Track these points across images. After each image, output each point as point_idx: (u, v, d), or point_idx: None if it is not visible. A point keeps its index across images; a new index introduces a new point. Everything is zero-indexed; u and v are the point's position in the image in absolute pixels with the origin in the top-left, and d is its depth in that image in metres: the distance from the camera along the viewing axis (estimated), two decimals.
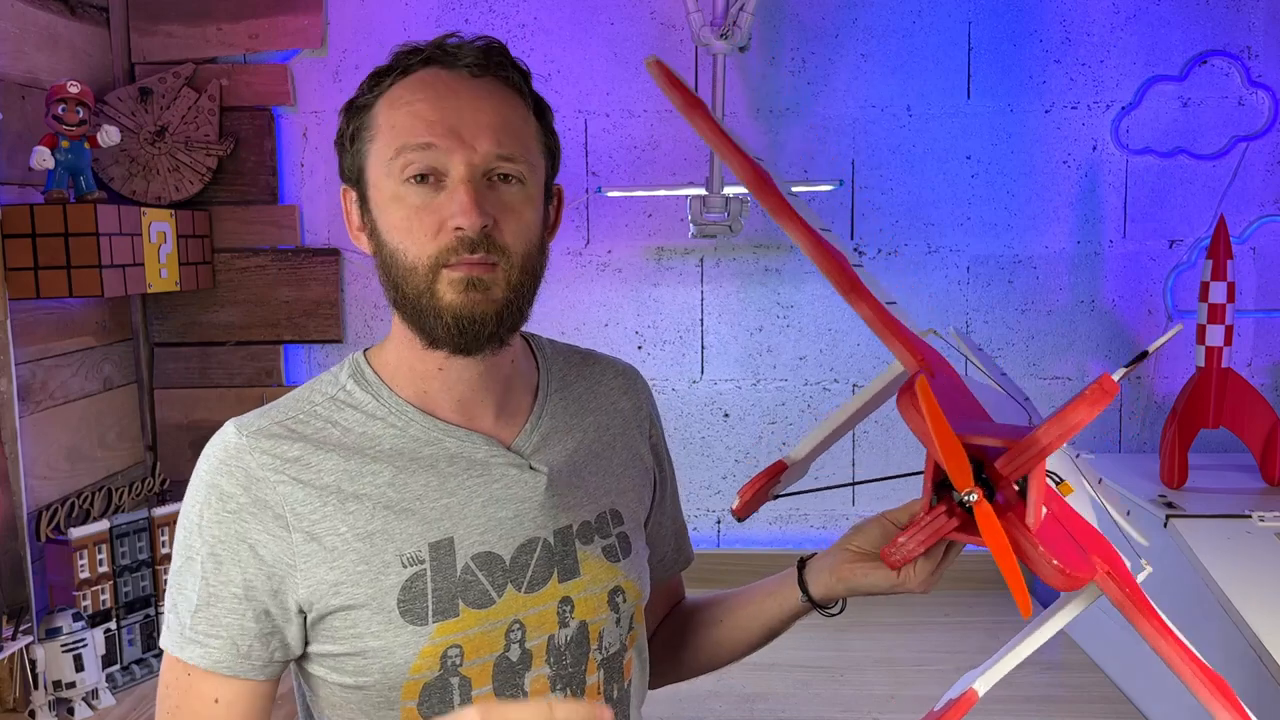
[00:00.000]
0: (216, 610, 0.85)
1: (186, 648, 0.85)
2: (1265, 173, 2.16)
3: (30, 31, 1.86)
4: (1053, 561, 0.71)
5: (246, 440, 0.87)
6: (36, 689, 1.60)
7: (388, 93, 0.89)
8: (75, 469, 1.94)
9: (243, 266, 2.22)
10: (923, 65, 2.18)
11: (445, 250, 0.84)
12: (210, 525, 0.85)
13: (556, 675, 0.91)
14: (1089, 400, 0.68)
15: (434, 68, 0.88)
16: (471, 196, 0.83)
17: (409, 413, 0.90)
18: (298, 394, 0.93)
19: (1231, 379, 1.88)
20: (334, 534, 0.85)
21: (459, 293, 0.84)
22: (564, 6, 2.19)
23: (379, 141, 0.87)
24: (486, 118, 0.86)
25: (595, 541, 0.95)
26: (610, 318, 2.25)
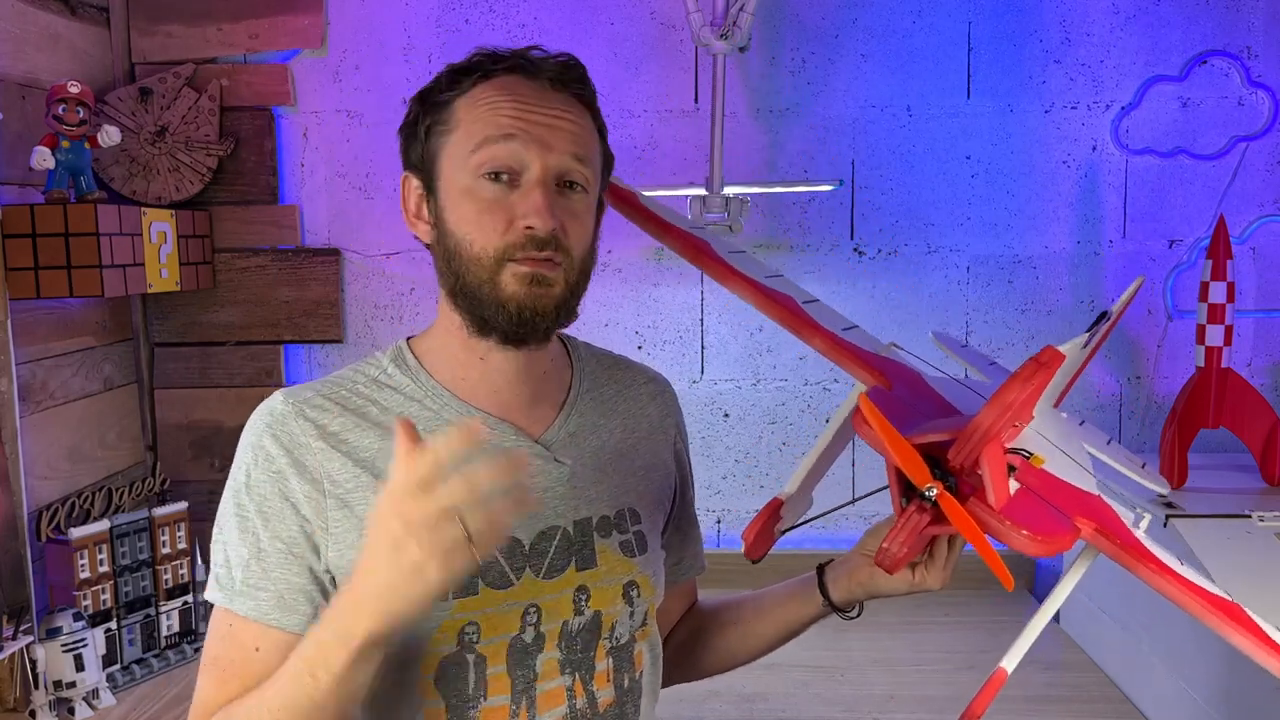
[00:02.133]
0: (266, 564, 0.89)
1: (235, 600, 0.89)
2: (1265, 173, 2.16)
3: (30, 31, 1.86)
4: (1022, 532, 0.75)
5: (292, 407, 0.92)
6: (37, 689, 1.60)
7: (470, 92, 0.91)
8: (75, 469, 1.94)
9: (243, 266, 2.22)
10: (923, 65, 2.18)
11: (513, 245, 0.88)
12: (257, 484, 0.90)
13: (566, 659, 0.94)
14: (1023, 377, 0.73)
15: (516, 75, 0.92)
16: (547, 199, 0.88)
17: (444, 397, 0.94)
18: (343, 373, 0.98)
19: (1231, 379, 1.88)
20: (365, 504, 0.88)
21: (523, 285, 0.88)
22: (564, 6, 2.19)
23: (458, 133, 0.91)
24: (564, 125, 0.90)
25: (613, 536, 0.98)
26: (610, 318, 2.25)
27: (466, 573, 0.73)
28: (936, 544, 0.95)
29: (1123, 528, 0.84)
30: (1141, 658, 1.68)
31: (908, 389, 0.92)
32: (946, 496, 0.75)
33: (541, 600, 0.92)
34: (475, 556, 0.72)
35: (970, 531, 0.75)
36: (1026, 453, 0.82)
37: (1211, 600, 0.81)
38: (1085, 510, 0.83)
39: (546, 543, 0.93)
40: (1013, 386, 0.73)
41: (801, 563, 1.14)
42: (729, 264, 0.99)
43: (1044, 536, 0.76)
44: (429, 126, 0.93)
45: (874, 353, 0.98)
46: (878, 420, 0.73)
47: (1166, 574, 0.82)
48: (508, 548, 0.91)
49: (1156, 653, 1.63)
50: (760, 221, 2.21)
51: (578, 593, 0.94)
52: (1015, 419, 0.78)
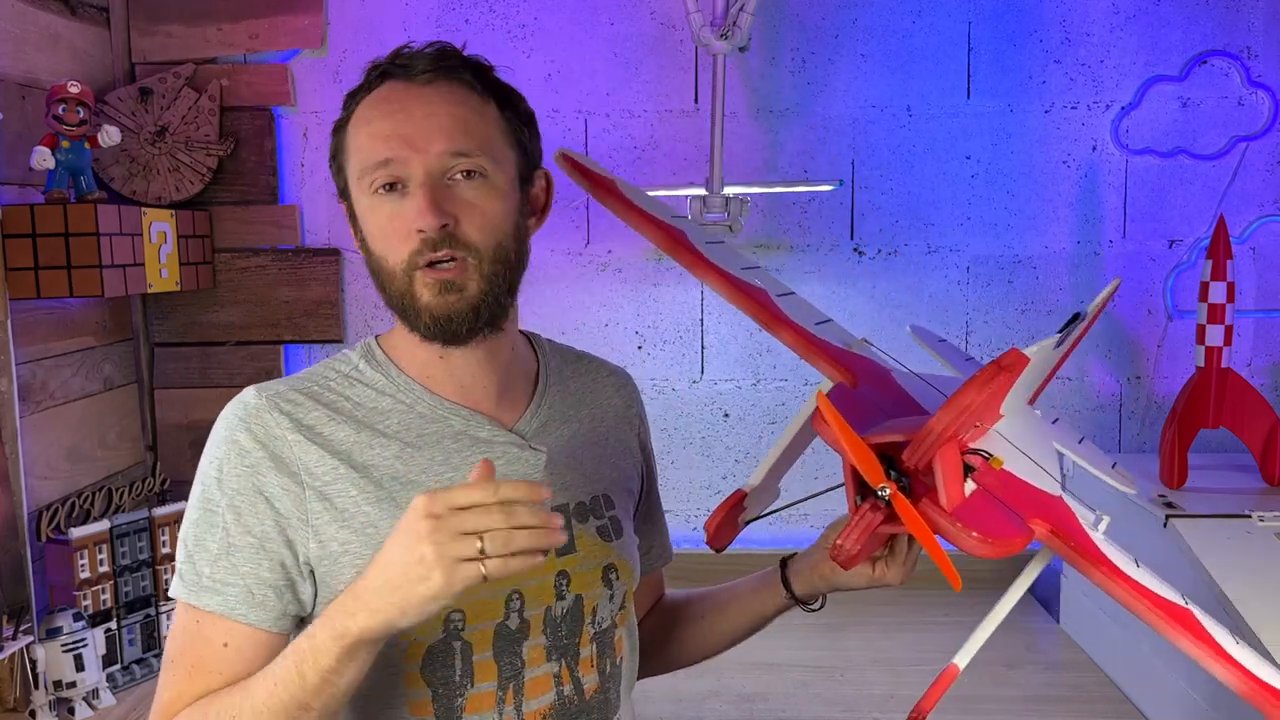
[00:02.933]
0: (236, 559, 0.88)
1: (202, 595, 0.88)
2: (1265, 173, 2.16)
3: (30, 31, 1.86)
4: (972, 534, 0.76)
5: (265, 400, 0.92)
6: (37, 689, 1.60)
7: (356, 111, 0.93)
8: (75, 469, 1.94)
9: (243, 266, 2.22)
10: (923, 65, 2.18)
11: (414, 253, 0.88)
12: (230, 478, 0.89)
13: (552, 645, 0.94)
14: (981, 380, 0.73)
15: (390, 81, 0.92)
16: (427, 199, 0.87)
17: (416, 390, 0.95)
18: (313, 370, 0.98)
19: (1231, 379, 1.88)
20: (344, 496, 0.89)
21: (434, 295, 0.89)
22: (564, 6, 2.19)
23: (351, 161, 0.92)
24: (438, 121, 0.89)
25: (590, 521, 0.99)
26: (610, 318, 2.25)
27: (467, 586, 0.73)
28: (896, 540, 0.96)
29: (1078, 529, 0.84)
30: (1141, 658, 1.68)
31: (874, 386, 0.93)
32: (899, 497, 0.76)
33: (523, 586, 0.92)
34: (481, 574, 0.73)
35: (920, 532, 0.75)
36: (986, 454, 0.82)
37: (1161, 605, 0.81)
38: (1042, 512, 0.83)
39: None
40: (969, 390, 0.74)
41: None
42: (702, 254, 0.98)
43: (995, 539, 0.77)
44: (335, 155, 0.95)
45: (844, 349, 0.98)
46: (834, 419, 0.74)
47: (1117, 577, 0.81)
48: None
49: (1156, 653, 1.63)
50: (760, 221, 2.21)
51: (559, 577, 0.95)
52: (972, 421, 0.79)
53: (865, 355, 0.99)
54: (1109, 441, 2.24)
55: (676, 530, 1.21)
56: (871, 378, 0.94)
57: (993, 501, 0.80)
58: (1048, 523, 0.82)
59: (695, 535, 2.27)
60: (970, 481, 0.80)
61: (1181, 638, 0.80)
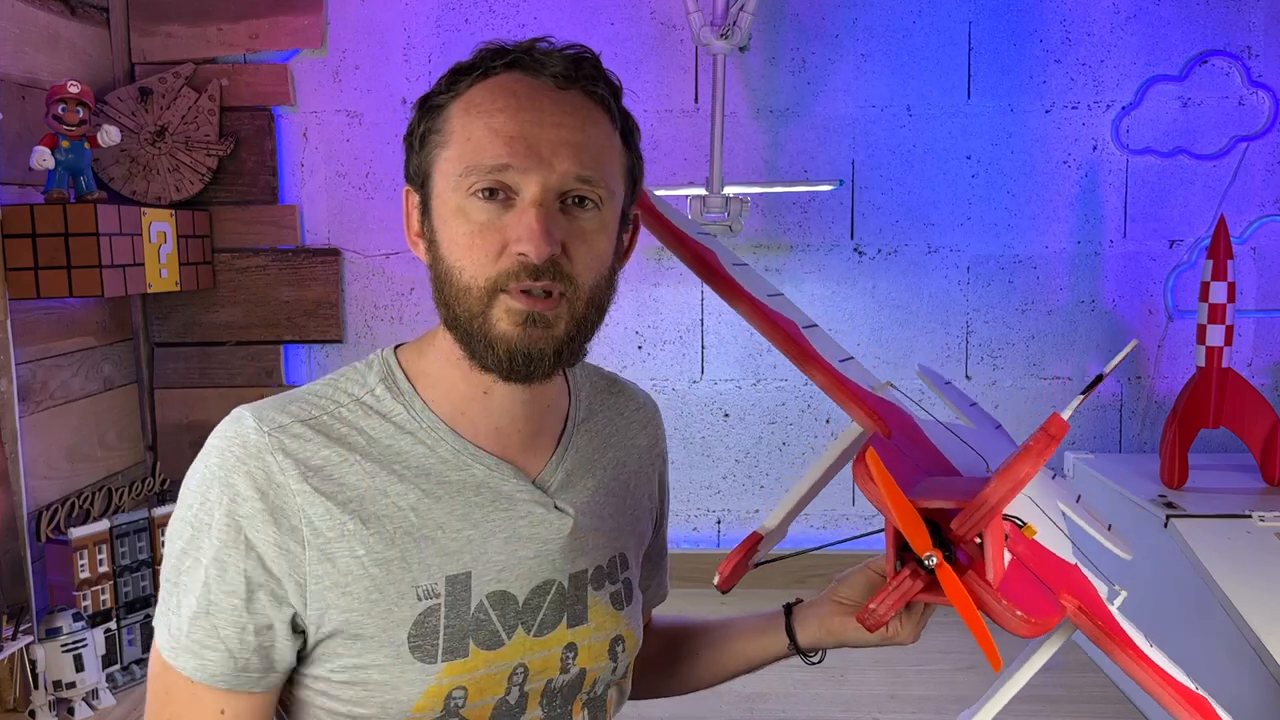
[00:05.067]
0: (216, 620, 0.80)
1: (180, 656, 0.81)
2: (1265, 173, 2.16)
3: (30, 31, 1.86)
4: (1016, 613, 0.73)
5: (268, 439, 0.81)
6: (36, 689, 1.60)
7: (465, 94, 0.81)
8: (75, 469, 1.94)
9: (243, 266, 2.22)
10: (923, 65, 2.18)
11: (505, 274, 0.78)
12: (220, 528, 0.80)
13: (546, 716, 0.89)
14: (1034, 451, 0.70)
15: (517, 72, 0.80)
16: (541, 222, 0.77)
17: (440, 430, 0.85)
18: (320, 390, 0.87)
19: (1231, 379, 1.88)
20: (350, 555, 0.81)
21: (516, 325, 0.79)
22: (564, 6, 2.19)
23: (450, 150, 0.81)
24: (568, 134, 0.79)
25: (605, 587, 0.93)
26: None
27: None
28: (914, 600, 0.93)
29: (1103, 608, 0.81)
30: None
31: (904, 437, 0.88)
32: (946, 568, 0.72)
33: (530, 659, 0.87)
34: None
35: (965, 607, 0.72)
36: (1020, 521, 0.78)
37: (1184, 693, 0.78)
38: (1069, 585, 0.80)
39: (540, 598, 0.87)
40: (1024, 461, 0.70)
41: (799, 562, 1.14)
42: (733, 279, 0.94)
43: (1036, 618, 0.74)
44: (423, 135, 0.83)
45: (872, 392, 0.93)
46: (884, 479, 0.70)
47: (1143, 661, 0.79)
48: (501, 602, 0.85)
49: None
50: (760, 221, 2.21)
51: (566, 650, 0.89)
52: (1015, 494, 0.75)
53: (890, 400, 0.95)
54: (1109, 441, 2.24)
55: (676, 531, 1.21)
56: (902, 429, 0.90)
57: (1026, 574, 0.77)
58: (1076, 598, 0.79)
59: (695, 535, 2.27)
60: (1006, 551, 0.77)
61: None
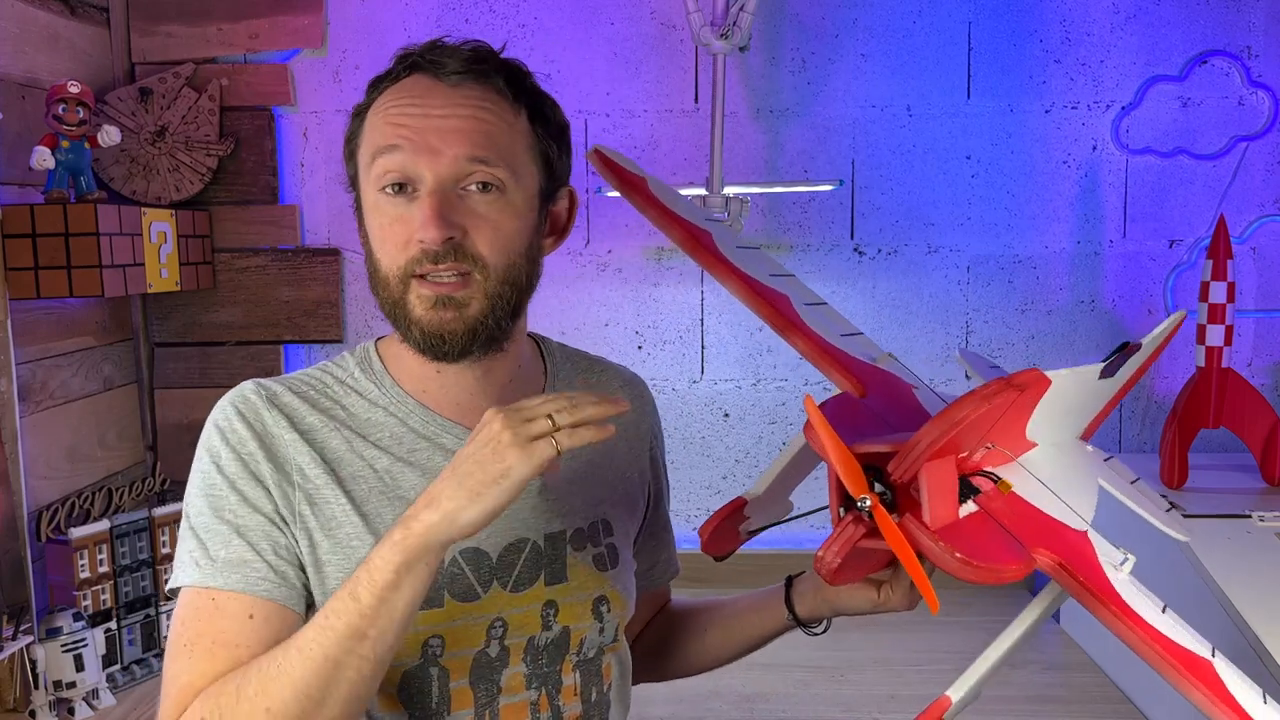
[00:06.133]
0: (250, 537, 0.85)
1: (220, 576, 0.83)
2: (1265, 173, 2.16)
3: (30, 31, 1.86)
4: (956, 555, 0.72)
5: (263, 398, 0.91)
6: (37, 689, 1.60)
7: (376, 100, 0.89)
8: (75, 469, 1.94)
9: (243, 266, 2.22)
10: (923, 65, 2.18)
11: (412, 261, 0.84)
12: (229, 462, 0.87)
13: (532, 674, 0.92)
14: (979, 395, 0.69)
15: (418, 74, 0.87)
16: (434, 208, 0.82)
17: (409, 404, 0.92)
18: (311, 372, 0.95)
19: (1231, 379, 1.88)
20: (331, 503, 0.87)
21: (428, 309, 0.85)
22: (564, 6, 2.19)
23: (362, 149, 0.89)
24: (458, 123, 0.84)
25: (587, 549, 0.95)
26: (610, 318, 2.25)
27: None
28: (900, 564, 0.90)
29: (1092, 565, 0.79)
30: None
31: (884, 399, 0.89)
32: (879, 509, 0.72)
33: (508, 614, 0.90)
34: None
35: (900, 546, 0.72)
36: (995, 477, 0.78)
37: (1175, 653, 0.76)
38: (1052, 543, 0.78)
39: (515, 555, 0.91)
40: (965, 403, 0.70)
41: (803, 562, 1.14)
42: (725, 259, 0.95)
43: (981, 563, 0.72)
44: (349, 140, 0.91)
45: (862, 360, 0.94)
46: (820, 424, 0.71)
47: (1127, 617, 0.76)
48: (474, 558, 0.89)
49: None
50: (760, 221, 2.21)
51: (546, 607, 0.92)
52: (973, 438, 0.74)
53: (888, 369, 0.95)
54: (1109, 441, 2.24)
55: (677, 530, 1.21)
56: (885, 390, 0.90)
57: (993, 527, 0.77)
58: (1056, 554, 0.78)
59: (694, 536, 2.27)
60: (971, 503, 0.77)
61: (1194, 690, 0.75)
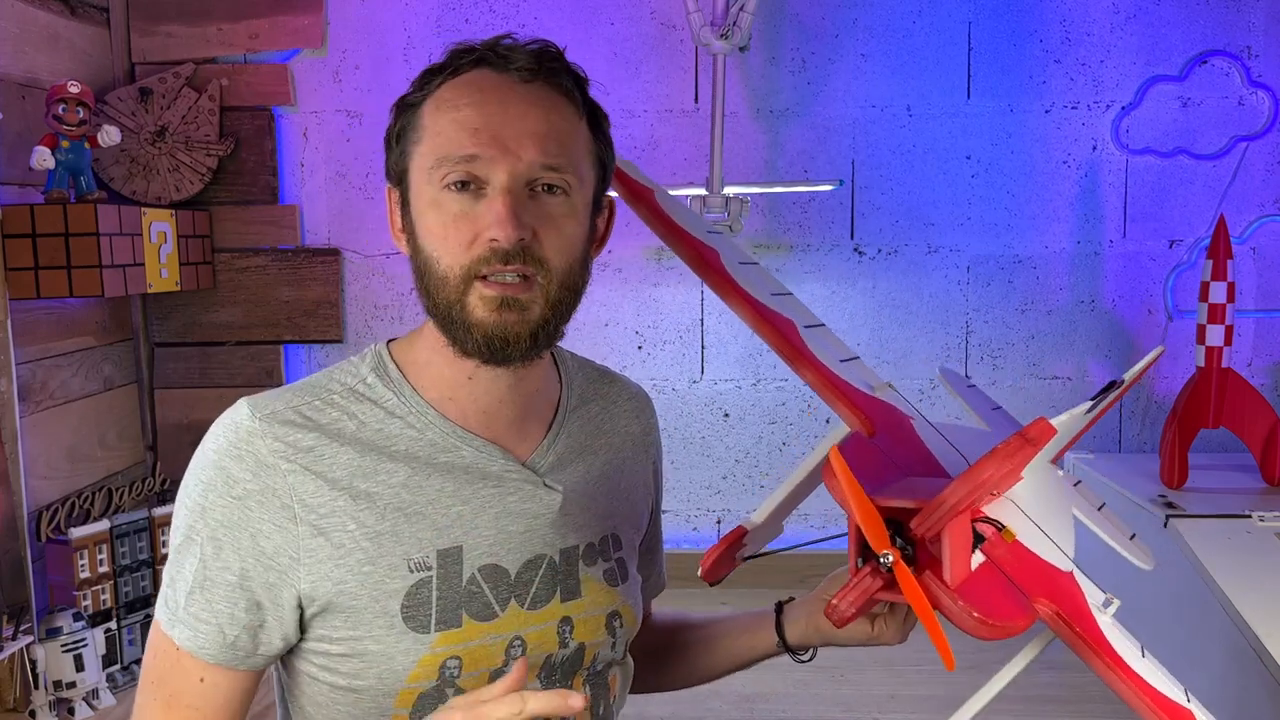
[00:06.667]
0: (210, 595, 0.83)
1: (176, 627, 0.84)
2: (1265, 173, 2.16)
3: (30, 31, 1.86)
4: (973, 614, 0.73)
5: (260, 424, 0.84)
6: (37, 689, 1.60)
7: (436, 93, 0.85)
8: (75, 469, 1.94)
9: (243, 266, 2.22)
10: (923, 65, 2.18)
11: (478, 261, 0.81)
12: (214, 509, 0.83)
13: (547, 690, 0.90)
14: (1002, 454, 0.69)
15: (484, 69, 0.85)
16: (509, 207, 0.81)
17: (429, 415, 0.89)
18: (315, 380, 0.91)
19: (1231, 379, 1.88)
20: (342, 530, 0.84)
21: (491, 310, 0.82)
22: (564, 6, 2.19)
23: (423, 145, 0.85)
24: (533, 125, 0.83)
25: (598, 564, 0.94)
26: (610, 318, 2.25)
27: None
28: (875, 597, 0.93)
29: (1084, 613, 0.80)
30: None
31: (892, 438, 0.88)
32: (901, 566, 0.71)
33: (526, 632, 0.88)
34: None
35: (920, 605, 0.72)
36: (999, 525, 0.78)
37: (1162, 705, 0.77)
38: (1050, 591, 0.79)
39: (532, 572, 0.90)
40: (989, 464, 0.70)
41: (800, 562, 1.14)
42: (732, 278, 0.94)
43: (996, 621, 0.73)
44: (399, 134, 0.87)
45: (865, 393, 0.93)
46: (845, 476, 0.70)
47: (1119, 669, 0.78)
48: (493, 575, 0.88)
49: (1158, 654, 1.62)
50: (760, 221, 2.21)
51: (562, 624, 0.90)
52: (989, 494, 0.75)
53: (887, 400, 0.94)
54: (1109, 441, 2.24)
55: (676, 530, 1.21)
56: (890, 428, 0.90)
57: (998, 577, 0.77)
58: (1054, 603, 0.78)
59: (695, 536, 2.27)
60: (979, 553, 0.77)
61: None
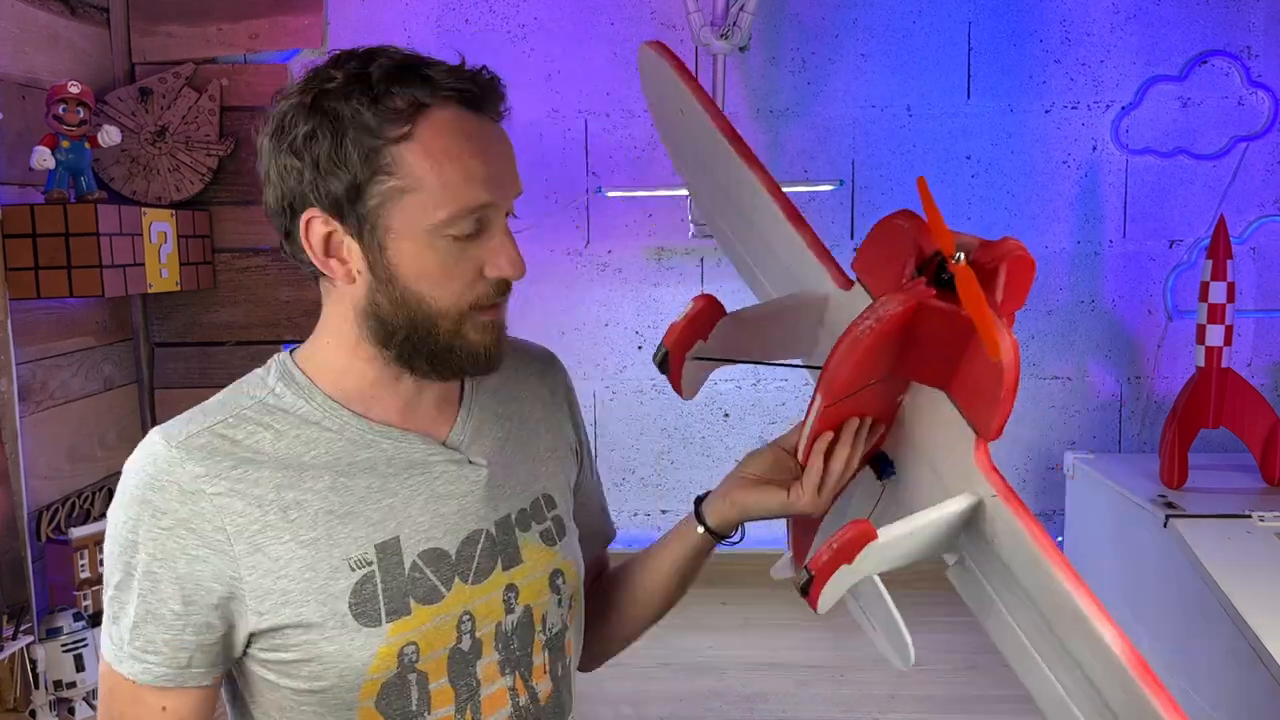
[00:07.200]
0: (154, 628, 0.83)
1: (125, 663, 0.84)
2: (1265, 173, 2.16)
3: (30, 31, 1.86)
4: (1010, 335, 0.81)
5: (176, 452, 0.84)
6: (37, 689, 1.60)
7: (419, 136, 0.82)
8: (76, 469, 1.94)
9: (243, 266, 2.22)
10: (923, 65, 2.18)
11: (482, 297, 0.86)
12: (146, 543, 0.83)
13: (505, 660, 0.93)
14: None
15: (453, 107, 0.83)
16: (515, 246, 0.86)
17: (344, 415, 0.89)
18: (223, 398, 0.91)
19: (1231, 379, 1.88)
20: (278, 543, 0.84)
21: (488, 334, 0.87)
22: (564, 6, 2.19)
23: (423, 195, 0.82)
24: (510, 162, 0.88)
25: (533, 528, 0.97)
26: (610, 318, 2.25)
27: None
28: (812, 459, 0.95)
29: None
30: None
31: None
32: (966, 268, 0.80)
33: (473, 606, 0.90)
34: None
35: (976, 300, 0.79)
36: None
37: None
38: None
39: (471, 548, 0.91)
40: None
41: None
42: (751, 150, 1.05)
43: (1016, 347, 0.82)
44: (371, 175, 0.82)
45: None
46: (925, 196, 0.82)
47: None
48: (434, 559, 0.89)
49: (1158, 654, 1.63)
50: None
51: (506, 591, 0.93)
52: None
53: None
54: (1109, 441, 2.24)
55: None
56: None
57: None
58: None
59: None
60: None
61: None
